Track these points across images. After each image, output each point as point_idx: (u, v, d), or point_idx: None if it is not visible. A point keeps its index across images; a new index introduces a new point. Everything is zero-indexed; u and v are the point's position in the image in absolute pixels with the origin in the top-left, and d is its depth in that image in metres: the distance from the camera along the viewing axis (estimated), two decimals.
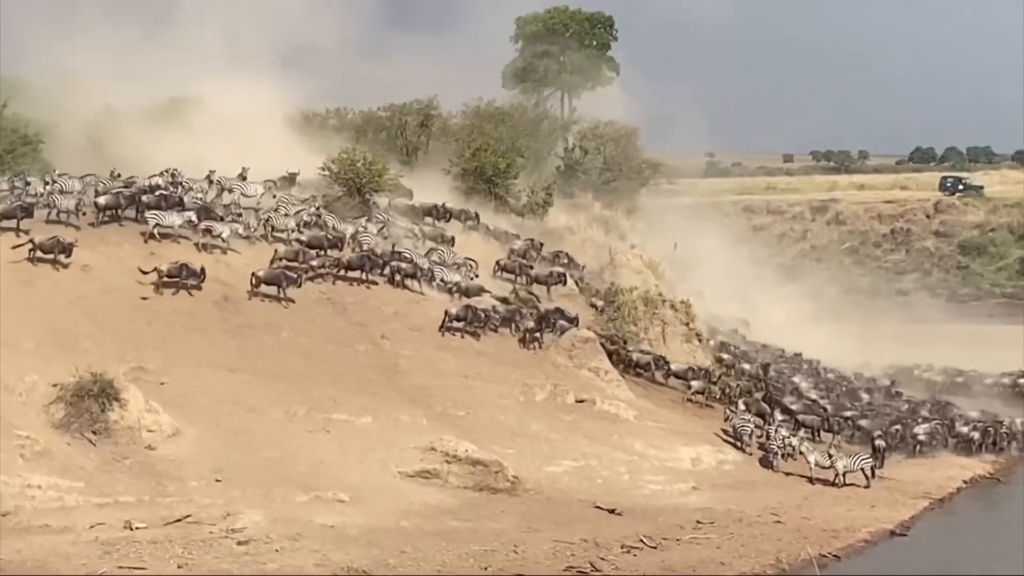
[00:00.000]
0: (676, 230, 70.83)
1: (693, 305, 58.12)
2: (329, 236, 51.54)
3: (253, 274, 47.05)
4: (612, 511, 38.83)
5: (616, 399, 47.63)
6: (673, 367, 52.84)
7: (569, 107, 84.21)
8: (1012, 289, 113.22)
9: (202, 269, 46.06)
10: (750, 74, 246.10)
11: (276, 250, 49.45)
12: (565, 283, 56.45)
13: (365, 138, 64.36)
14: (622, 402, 47.54)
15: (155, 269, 45.34)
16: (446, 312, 48.68)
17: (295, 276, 47.52)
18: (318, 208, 54.14)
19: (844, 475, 44.39)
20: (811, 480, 44.43)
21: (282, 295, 46.85)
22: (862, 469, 44.72)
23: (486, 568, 33.64)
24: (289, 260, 48.86)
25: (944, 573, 35.78)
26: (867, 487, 44.23)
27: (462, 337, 48.53)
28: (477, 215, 60.24)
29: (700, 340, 57.12)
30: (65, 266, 44.51)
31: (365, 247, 51.56)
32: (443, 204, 59.11)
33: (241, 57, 70.77)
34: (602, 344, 51.07)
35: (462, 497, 38.59)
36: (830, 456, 44.80)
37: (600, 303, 56.76)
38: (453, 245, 55.79)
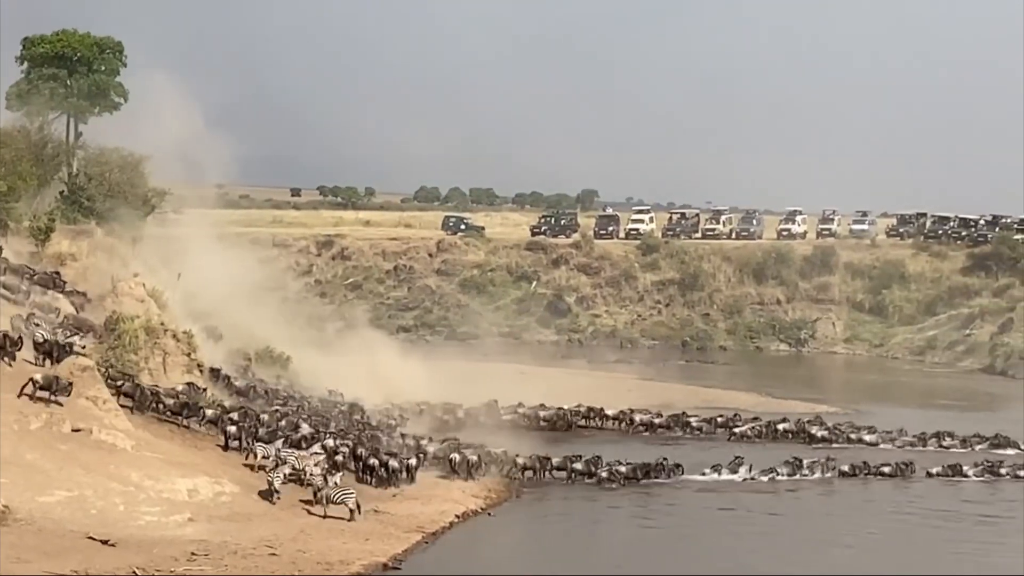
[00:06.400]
0: (182, 260, 70.47)
1: (195, 336, 58.19)
2: None
3: None
4: (105, 542, 38.51)
5: (114, 429, 47.03)
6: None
7: (75, 132, 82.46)
8: (508, 328, 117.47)
9: None
10: (261, 106, 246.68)
11: None
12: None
13: None
14: (120, 432, 46.97)
15: None
16: None
17: None
18: None
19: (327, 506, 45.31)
20: (309, 511, 45.18)
21: None
22: (344, 503, 45.61)
23: None
24: None
25: None
26: (351, 520, 45.08)
27: None
28: None
29: (201, 371, 57.19)
30: None
31: None
32: None
33: None
34: (101, 373, 50.38)
35: None
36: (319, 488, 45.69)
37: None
38: None
